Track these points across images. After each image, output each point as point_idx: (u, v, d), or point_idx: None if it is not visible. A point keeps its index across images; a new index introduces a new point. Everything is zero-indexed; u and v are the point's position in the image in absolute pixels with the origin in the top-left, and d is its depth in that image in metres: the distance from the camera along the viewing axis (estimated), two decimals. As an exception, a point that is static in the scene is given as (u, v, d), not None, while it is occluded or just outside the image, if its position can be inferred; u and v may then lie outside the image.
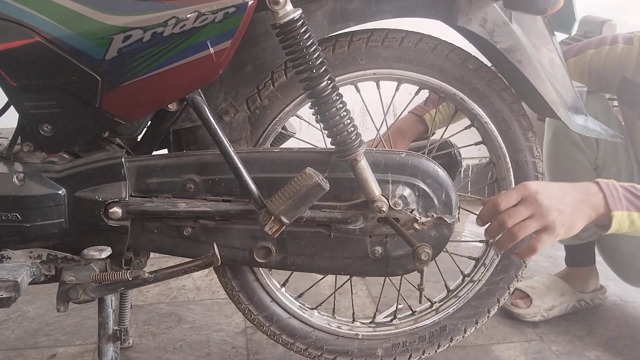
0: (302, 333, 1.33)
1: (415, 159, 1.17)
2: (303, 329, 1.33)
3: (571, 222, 1.10)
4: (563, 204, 1.11)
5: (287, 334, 1.33)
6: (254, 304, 1.30)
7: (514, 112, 1.27)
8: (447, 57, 1.22)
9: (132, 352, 1.52)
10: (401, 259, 1.20)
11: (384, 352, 1.36)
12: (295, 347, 1.34)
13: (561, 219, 1.09)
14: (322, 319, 1.36)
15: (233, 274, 1.28)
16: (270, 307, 1.31)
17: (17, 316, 1.68)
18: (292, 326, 1.33)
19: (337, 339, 1.35)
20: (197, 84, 1.06)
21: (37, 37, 0.96)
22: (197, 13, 0.97)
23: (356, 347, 1.36)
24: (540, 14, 1.19)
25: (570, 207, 1.11)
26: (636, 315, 1.77)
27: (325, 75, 1.05)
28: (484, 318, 1.39)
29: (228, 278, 1.28)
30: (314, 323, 1.34)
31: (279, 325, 1.32)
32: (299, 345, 1.34)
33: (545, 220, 1.09)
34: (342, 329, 1.36)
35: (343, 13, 1.15)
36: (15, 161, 1.09)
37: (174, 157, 1.14)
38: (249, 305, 1.30)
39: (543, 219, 1.09)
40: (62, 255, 1.10)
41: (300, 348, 1.34)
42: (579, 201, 1.13)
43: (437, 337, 1.38)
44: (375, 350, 1.36)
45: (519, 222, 1.10)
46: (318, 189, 1.04)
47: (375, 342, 1.37)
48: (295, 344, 1.34)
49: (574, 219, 1.11)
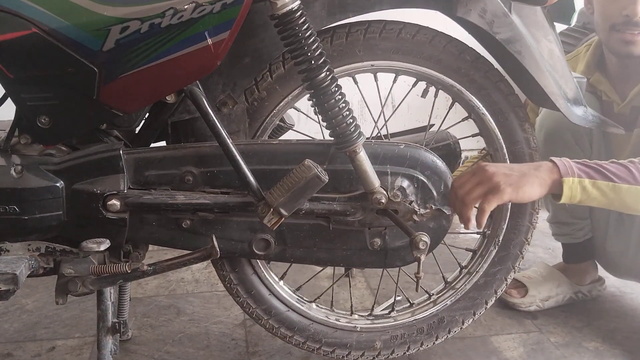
0: (301, 326, 1.33)
1: (414, 150, 1.16)
2: (301, 322, 1.33)
3: (518, 183, 1.15)
4: (511, 170, 1.17)
5: (285, 327, 1.33)
6: (252, 297, 1.30)
7: (510, 103, 1.27)
8: (444, 48, 1.22)
9: (131, 345, 1.52)
10: (400, 251, 1.20)
11: (382, 345, 1.37)
12: (294, 340, 1.34)
13: (507, 180, 1.15)
14: (320, 312, 1.36)
15: (231, 267, 1.28)
16: (268, 300, 1.31)
17: (15, 309, 1.67)
18: (290, 319, 1.33)
19: (336, 332, 1.35)
20: (195, 76, 1.05)
21: (34, 28, 0.96)
22: (195, 4, 0.96)
23: (355, 339, 1.36)
24: (539, 5, 1.19)
25: (518, 172, 1.17)
26: (634, 306, 1.77)
27: (324, 67, 1.04)
28: (481, 310, 1.39)
29: (226, 271, 1.28)
30: (312, 316, 1.34)
31: (277, 319, 1.32)
32: (297, 338, 1.34)
33: (490, 182, 1.16)
34: (341, 321, 1.36)
35: (341, 4, 1.14)
36: (13, 153, 1.09)
37: (172, 149, 1.13)
38: (247, 298, 1.30)
39: (488, 181, 1.16)
40: (61, 247, 1.10)
41: (299, 341, 1.34)
42: (529, 168, 1.19)
43: (435, 329, 1.38)
44: (373, 343, 1.36)
45: (468, 190, 1.17)
46: (317, 180, 1.03)
47: (373, 335, 1.37)
48: (293, 337, 1.34)
49: (523, 182, 1.16)
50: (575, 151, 1.60)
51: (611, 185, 1.19)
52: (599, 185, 1.19)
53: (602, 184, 1.19)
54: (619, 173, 1.20)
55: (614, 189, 1.19)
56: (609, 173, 1.20)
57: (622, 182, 1.19)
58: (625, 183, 1.19)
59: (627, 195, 1.20)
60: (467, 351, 1.53)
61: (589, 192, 1.19)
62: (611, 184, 1.19)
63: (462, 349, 1.54)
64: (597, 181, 1.19)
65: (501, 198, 1.15)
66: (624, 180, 1.19)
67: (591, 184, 1.19)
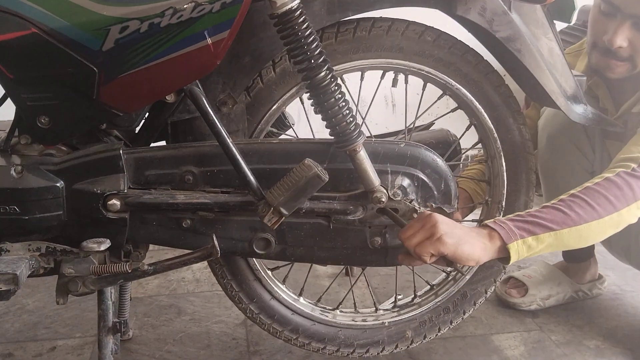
0: (330, 336, 1.36)
1: (414, 149, 1.16)
2: (330, 332, 1.36)
3: (460, 241, 1.09)
4: (453, 225, 1.11)
5: (316, 341, 1.35)
6: (277, 321, 1.33)
7: (501, 95, 1.27)
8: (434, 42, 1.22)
9: (132, 344, 1.52)
10: (400, 249, 1.19)
11: (413, 333, 1.38)
12: (328, 350, 1.36)
13: (448, 232, 1.08)
14: (345, 317, 1.38)
15: (249, 297, 1.31)
16: (293, 320, 1.34)
17: (16, 309, 1.67)
18: (319, 332, 1.35)
19: (365, 332, 1.37)
20: (195, 75, 1.05)
21: (34, 28, 0.95)
22: (194, 3, 0.96)
23: (385, 334, 1.37)
24: (539, 3, 1.19)
25: (460, 230, 1.11)
26: (635, 305, 1.77)
27: (324, 66, 1.04)
28: (500, 275, 1.40)
29: (245, 304, 1.31)
30: (338, 323, 1.36)
31: (306, 335, 1.35)
32: (330, 347, 1.36)
33: (432, 229, 1.08)
34: (368, 320, 1.38)
35: (341, 2, 1.14)
36: (13, 154, 1.09)
37: (172, 148, 1.13)
38: (271, 324, 1.33)
39: (431, 228, 1.08)
40: (61, 247, 1.10)
41: (332, 350, 1.36)
42: (470, 231, 1.13)
43: (461, 304, 1.39)
44: (404, 333, 1.38)
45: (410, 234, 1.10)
46: (317, 180, 1.03)
47: (402, 326, 1.38)
48: (326, 348, 1.36)
49: (464, 240, 1.09)
50: (577, 156, 1.59)
51: (553, 234, 1.16)
52: (541, 238, 1.15)
53: (544, 236, 1.16)
54: (556, 219, 1.17)
55: (556, 236, 1.16)
56: (547, 222, 1.16)
57: (562, 228, 1.16)
58: (565, 227, 1.17)
59: (569, 239, 1.18)
60: (468, 350, 1.53)
61: (534, 248, 1.15)
62: (552, 232, 1.16)
63: (463, 348, 1.54)
64: (539, 235, 1.15)
65: (437, 248, 1.07)
66: (563, 224, 1.17)
67: (534, 239, 1.15)
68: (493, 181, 1.34)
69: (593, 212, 1.19)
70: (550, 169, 1.65)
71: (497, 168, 1.32)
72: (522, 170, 1.33)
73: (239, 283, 1.30)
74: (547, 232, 1.16)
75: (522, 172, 1.33)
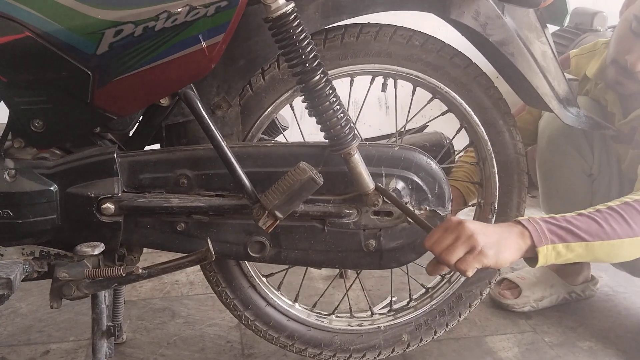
0: (326, 341, 1.36)
1: (408, 152, 1.17)
2: (325, 337, 1.36)
3: (499, 248, 1.08)
4: (487, 231, 1.09)
5: (312, 346, 1.35)
6: (273, 328, 1.33)
7: (490, 97, 1.27)
8: (422, 46, 1.22)
9: (126, 348, 1.51)
10: (395, 252, 1.20)
11: (409, 336, 1.39)
12: (324, 356, 1.36)
13: (487, 242, 1.07)
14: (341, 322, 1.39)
15: (244, 305, 1.31)
16: (288, 326, 1.34)
17: (9, 313, 1.67)
18: (315, 338, 1.35)
19: (361, 337, 1.37)
20: (190, 79, 1.05)
21: (28, 32, 0.95)
22: (188, 7, 0.96)
23: (381, 338, 1.38)
24: (532, 7, 1.20)
25: (495, 235, 1.09)
26: (627, 306, 1.78)
27: (319, 69, 1.04)
28: (495, 277, 1.40)
29: (240, 311, 1.32)
30: (334, 328, 1.36)
31: (302, 341, 1.35)
32: (326, 353, 1.36)
33: (471, 241, 1.06)
34: (364, 325, 1.38)
35: (336, 6, 1.14)
36: (6, 157, 1.08)
37: (166, 152, 1.13)
38: (267, 330, 1.34)
39: (469, 240, 1.07)
40: (55, 251, 1.10)
41: (329, 355, 1.36)
42: (502, 230, 1.12)
43: (456, 307, 1.39)
44: (400, 337, 1.38)
45: (446, 247, 1.08)
46: (312, 183, 1.04)
47: (398, 329, 1.38)
48: (322, 354, 1.36)
49: (502, 246, 1.08)
50: (577, 160, 1.58)
51: (584, 245, 1.14)
52: (572, 247, 1.13)
53: (575, 245, 1.14)
54: (590, 229, 1.15)
55: (587, 247, 1.14)
56: (580, 232, 1.14)
57: (594, 240, 1.14)
58: (598, 240, 1.14)
59: (599, 252, 1.16)
60: (462, 351, 1.54)
61: (563, 255, 1.14)
62: (584, 243, 1.14)
63: (456, 350, 1.55)
64: (570, 244, 1.13)
65: (481, 261, 1.06)
66: (596, 236, 1.14)
67: (565, 247, 1.13)
68: (485, 183, 1.35)
69: (629, 229, 1.16)
70: (549, 170, 1.65)
71: (489, 170, 1.32)
72: (513, 172, 1.33)
73: (234, 290, 1.30)
74: (579, 242, 1.14)
75: (513, 173, 1.33)
